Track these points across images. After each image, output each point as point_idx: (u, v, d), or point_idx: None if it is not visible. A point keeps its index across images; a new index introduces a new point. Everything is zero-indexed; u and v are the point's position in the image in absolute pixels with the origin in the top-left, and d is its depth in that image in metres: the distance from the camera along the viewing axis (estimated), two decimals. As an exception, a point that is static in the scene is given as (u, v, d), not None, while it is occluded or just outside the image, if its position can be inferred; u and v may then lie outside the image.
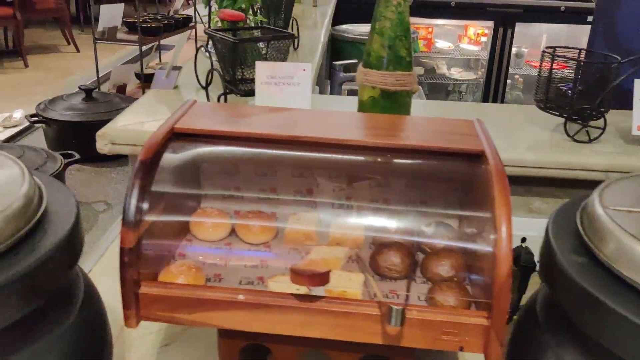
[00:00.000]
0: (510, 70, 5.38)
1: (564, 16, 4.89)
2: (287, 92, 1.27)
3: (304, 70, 1.27)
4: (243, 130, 1.01)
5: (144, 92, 2.66)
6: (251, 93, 1.31)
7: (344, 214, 1.15)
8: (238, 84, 1.36)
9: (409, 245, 1.06)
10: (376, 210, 1.16)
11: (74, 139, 2.09)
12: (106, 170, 2.08)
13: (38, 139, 2.29)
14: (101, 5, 2.44)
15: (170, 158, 1.00)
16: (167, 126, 0.99)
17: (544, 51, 1.34)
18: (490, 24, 5.02)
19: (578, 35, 4.96)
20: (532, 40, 5.27)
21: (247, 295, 0.89)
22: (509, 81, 5.33)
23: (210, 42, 1.57)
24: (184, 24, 2.94)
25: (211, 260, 1.06)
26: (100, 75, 3.25)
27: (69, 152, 1.83)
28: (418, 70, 3.99)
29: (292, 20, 1.91)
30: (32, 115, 2.10)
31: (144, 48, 3.09)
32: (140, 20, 2.49)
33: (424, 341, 0.89)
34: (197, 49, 1.56)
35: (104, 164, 2.01)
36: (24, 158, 1.66)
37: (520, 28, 5.02)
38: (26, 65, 4.36)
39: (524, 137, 1.30)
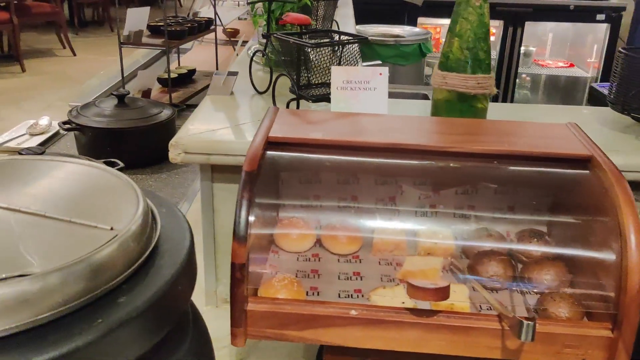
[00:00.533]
0: (519, 70, 5.37)
1: (573, 15, 4.88)
2: (362, 97, 1.23)
3: (380, 74, 1.23)
4: (335, 138, 0.98)
5: (170, 97, 2.61)
6: (322, 98, 1.27)
7: (432, 221, 1.12)
8: (306, 90, 1.32)
9: (507, 253, 1.03)
10: (468, 217, 1.13)
11: (108, 145, 2.05)
12: (143, 178, 2.04)
13: (66, 145, 2.24)
14: (128, 9, 2.38)
15: (268, 167, 0.96)
16: (263, 136, 0.95)
17: (619, 51, 1.32)
18: (499, 23, 5.01)
19: (586, 33, 4.95)
20: (539, 40, 5.26)
21: (360, 310, 0.86)
22: (517, 80, 5.33)
23: (266, 47, 1.54)
24: (206, 26, 2.89)
25: (304, 272, 1.02)
26: (107, 80, 3.20)
27: (112, 160, 1.77)
28: (426, 71, 3.97)
29: (333, 23, 1.87)
30: (65, 122, 2.05)
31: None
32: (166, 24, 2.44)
33: (545, 355, 0.86)
34: (253, 54, 1.52)
35: (139, 171, 1.97)
36: (70, 167, 1.61)
37: (528, 27, 5.02)
38: (23, 70, 4.28)
39: (605, 139, 1.27)
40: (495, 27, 5.37)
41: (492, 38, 5.31)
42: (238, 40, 3.46)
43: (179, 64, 3.15)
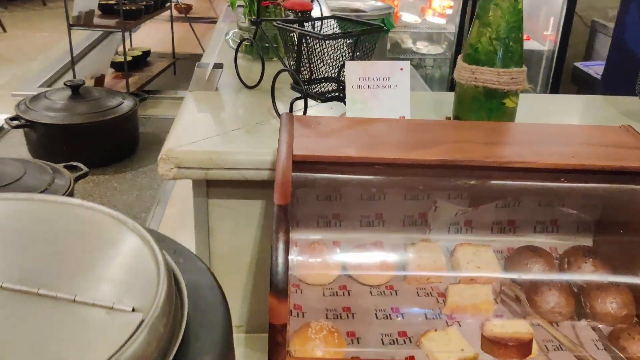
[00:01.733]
0: (479, 44, 5.24)
1: (533, -17, 4.81)
2: (382, 96, 1.08)
3: (402, 69, 1.07)
4: (368, 154, 0.82)
5: (127, 84, 2.37)
6: (332, 98, 1.11)
7: (471, 240, 0.98)
8: (309, 86, 1.15)
9: (566, 281, 0.90)
10: (509, 232, 1.00)
11: (63, 143, 1.81)
12: (105, 179, 1.82)
13: (13, 143, 1.98)
14: (76, -14, 2.13)
15: (299, 195, 0.80)
16: (287, 155, 0.78)
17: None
18: (457, -6, 4.89)
19: (541, 4, 4.90)
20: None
21: (423, 368, 0.72)
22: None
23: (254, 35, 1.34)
24: (162, 3, 2.64)
25: (335, 312, 0.87)
26: (50, 65, 2.90)
27: (74, 163, 1.56)
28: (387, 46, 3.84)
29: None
30: (12, 118, 1.80)
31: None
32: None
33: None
34: (239, 45, 1.33)
35: (100, 172, 1.76)
36: (27, 177, 1.39)
37: (487, -1, 4.89)
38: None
39: None
40: (454, 0, 5.26)
41: (449, 11, 5.21)
42: (192, 17, 3.21)
43: (130, 45, 2.89)
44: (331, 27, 1.23)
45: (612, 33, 2.12)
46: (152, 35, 3.22)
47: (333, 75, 1.18)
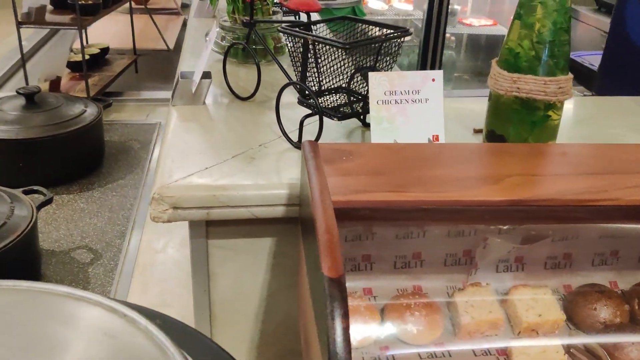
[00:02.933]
0: (446, 31, 5.20)
1: (501, -33, 4.73)
2: (411, 113, 0.92)
3: (433, 80, 0.92)
4: (421, 197, 0.66)
5: (87, 88, 2.14)
6: (350, 115, 0.95)
7: (526, 282, 0.84)
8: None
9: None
10: (565, 269, 0.86)
11: (20, 160, 1.59)
12: (70, 200, 1.61)
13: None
14: (25, -21, 1.88)
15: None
16: (326, 207, 0.62)
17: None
18: (423, -22, 4.78)
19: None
20: (463, -3, 5.11)
21: None
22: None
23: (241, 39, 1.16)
24: (118, -2, 2.40)
25: (383, 386, 0.71)
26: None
27: (34, 187, 1.35)
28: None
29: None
30: (-41, 134, 1.57)
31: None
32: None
33: None
34: (227, 50, 1.14)
35: (64, 190, 1.55)
36: (-20, 208, 1.18)
37: (451, -17, 4.80)
38: None
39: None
40: (420, -15, 5.14)
41: (415, -4, 5.09)
42: (152, 9, 2.98)
43: (86, 42, 2.64)
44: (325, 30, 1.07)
45: (610, 23, 2.01)
46: (107, 30, 2.97)
47: (343, 84, 1.02)
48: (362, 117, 1.04)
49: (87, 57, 2.27)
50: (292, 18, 1.47)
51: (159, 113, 2.24)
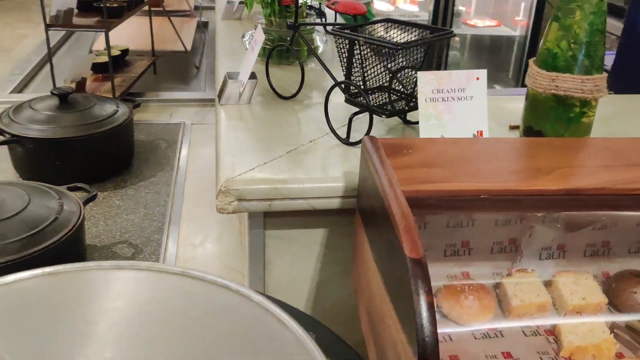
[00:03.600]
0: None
1: (498, -31, 4.78)
2: (457, 110, 0.97)
3: (478, 79, 0.97)
4: (484, 186, 0.72)
5: (113, 88, 2.19)
6: (397, 112, 1.00)
7: (571, 268, 0.90)
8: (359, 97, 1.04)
9: (684, 308, 0.83)
10: (605, 256, 0.92)
11: (55, 159, 1.64)
12: (106, 197, 1.66)
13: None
14: (55, -17, 1.92)
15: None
16: (398, 195, 0.67)
17: None
18: (431, -20, 4.83)
19: (514, -13, 4.87)
20: (468, -1, 5.15)
21: None
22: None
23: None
24: (141, 0, 2.45)
25: (444, 363, 0.77)
26: (17, 66, 2.67)
27: (79, 185, 1.40)
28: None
29: None
30: (-4, 133, 1.62)
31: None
32: None
33: None
34: (271, 51, 1.19)
35: (99, 188, 1.60)
36: (32, 205, 1.23)
37: (460, -16, 4.84)
38: None
39: None
40: (426, -14, 5.19)
41: (421, -2, 5.14)
42: (168, 11, 3.02)
43: (106, 44, 2.69)
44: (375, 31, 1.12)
45: (624, 24, 2.07)
46: (125, 32, 3.01)
47: (385, 84, 1.07)
48: (403, 115, 1.09)
49: (104, 59, 2.31)
50: (317, 20, 1.52)
51: (182, 113, 2.29)
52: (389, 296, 0.68)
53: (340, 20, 1.59)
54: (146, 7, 2.60)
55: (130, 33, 2.92)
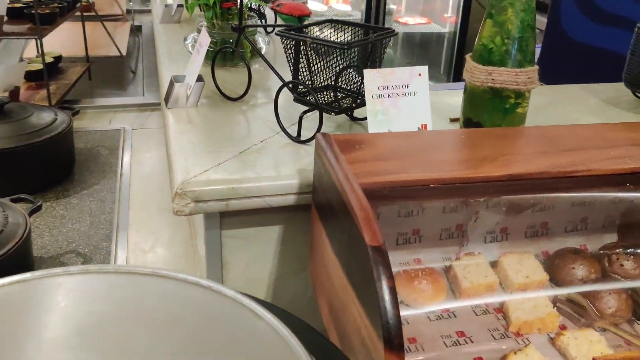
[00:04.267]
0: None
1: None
2: (402, 105, 1.01)
3: (420, 75, 1.02)
4: (435, 176, 0.76)
5: (49, 96, 2.14)
6: (345, 109, 1.03)
7: (512, 249, 0.95)
8: (306, 96, 1.07)
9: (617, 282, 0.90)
10: (544, 236, 0.98)
11: (-6, 172, 1.60)
12: (48, 207, 1.62)
13: None
14: (-20, -10, 1.84)
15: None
16: (355, 187, 0.70)
17: (638, 27, 1.22)
18: (359, -22, 4.90)
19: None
20: (400, -5, 5.26)
21: (533, 401, 0.68)
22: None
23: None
24: (74, 4, 2.39)
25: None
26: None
27: (22, 196, 1.37)
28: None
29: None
30: None
31: None
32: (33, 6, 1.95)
33: None
34: (217, 53, 1.20)
35: (40, 198, 1.56)
36: (-24, 218, 1.20)
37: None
38: None
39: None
40: (356, -16, 5.26)
41: (351, -4, 5.21)
42: (101, 15, 2.96)
43: (38, 52, 2.61)
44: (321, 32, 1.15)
45: (547, 17, 2.19)
46: (56, 38, 2.93)
47: (331, 82, 1.10)
48: (350, 112, 1.13)
49: (40, 66, 2.25)
50: (259, 21, 1.54)
51: (121, 119, 2.26)
52: (350, 285, 0.71)
53: (279, 21, 1.61)
54: (78, 13, 2.54)
55: (62, 39, 2.85)
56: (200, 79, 1.15)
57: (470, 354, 0.80)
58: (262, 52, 1.44)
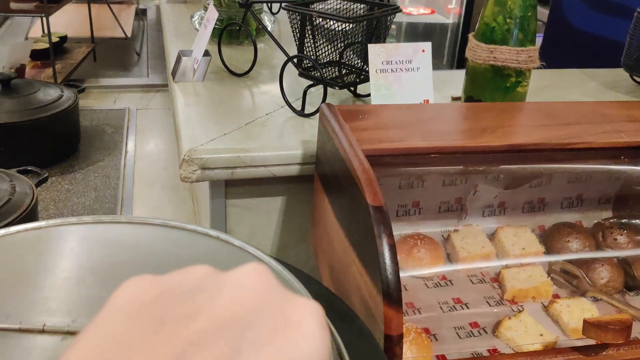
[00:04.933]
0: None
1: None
2: (405, 80, 1.03)
3: (423, 51, 1.04)
4: (435, 144, 0.78)
5: (55, 74, 2.15)
6: (349, 84, 1.06)
7: (509, 222, 0.98)
8: (313, 71, 1.09)
9: (610, 254, 0.92)
10: (541, 211, 1.00)
11: (1, 145, 1.61)
12: (53, 182, 1.65)
13: None
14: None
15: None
16: (358, 152, 0.73)
17: (638, 11, 1.24)
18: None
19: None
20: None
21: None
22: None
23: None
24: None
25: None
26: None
27: (28, 168, 1.39)
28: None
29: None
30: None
31: None
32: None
33: None
34: (223, 30, 1.22)
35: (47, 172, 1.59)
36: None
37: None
38: None
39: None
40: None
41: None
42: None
43: (43, 31, 2.63)
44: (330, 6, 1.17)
45: (550, 6, 2.20)
46: (62, 19, 2.95)
47: (335, 58, 1.12)
48: (353, 87, 1.15)
49: (46, 45, 2.27)
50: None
51: (126, 99, 2.28)
52: (351, 246, 0.73)
53: None
54: (84, -7, 2.56)
55: (67, 20, 2.87)
56: (207, 53, 1.17)
57: (466, 318, 0.82)
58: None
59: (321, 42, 1.07)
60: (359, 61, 1.10)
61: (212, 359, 0.22)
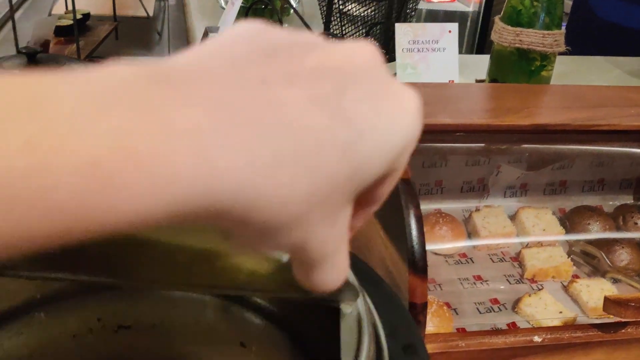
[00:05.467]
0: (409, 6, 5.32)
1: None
2: (431, 60, 1.04)
3: (450, 32, 1.04)
4: (464, 121, 0.79)
5: (78, 50, 2.18)
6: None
7: (530, 203, 0.99)
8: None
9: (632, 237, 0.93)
10: (562, 193, 1.01)
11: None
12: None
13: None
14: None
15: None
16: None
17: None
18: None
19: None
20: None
21: (544, 335, 0.71)
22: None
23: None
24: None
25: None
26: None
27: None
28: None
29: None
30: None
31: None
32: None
33: None
34: (249, 8, 1.24)
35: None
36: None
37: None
38: None
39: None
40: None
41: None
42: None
43: (66, 8, 2.66)
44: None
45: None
46: None
47: (361, 37, 1.13)
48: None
49: (70, 22, 2.30)
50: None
51: (148, 78, 2.30)
52: (377, 219, 0.75)
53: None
54: (107, -29, 2.58)
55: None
56: (234, 30, 1.19)
57: (487, 294, 0.84)
58: (291, 11, 1.47)
59: (347, 21, 1.08)
60: (384, 42, 1.11)
61: (314, 92, 0.22)
